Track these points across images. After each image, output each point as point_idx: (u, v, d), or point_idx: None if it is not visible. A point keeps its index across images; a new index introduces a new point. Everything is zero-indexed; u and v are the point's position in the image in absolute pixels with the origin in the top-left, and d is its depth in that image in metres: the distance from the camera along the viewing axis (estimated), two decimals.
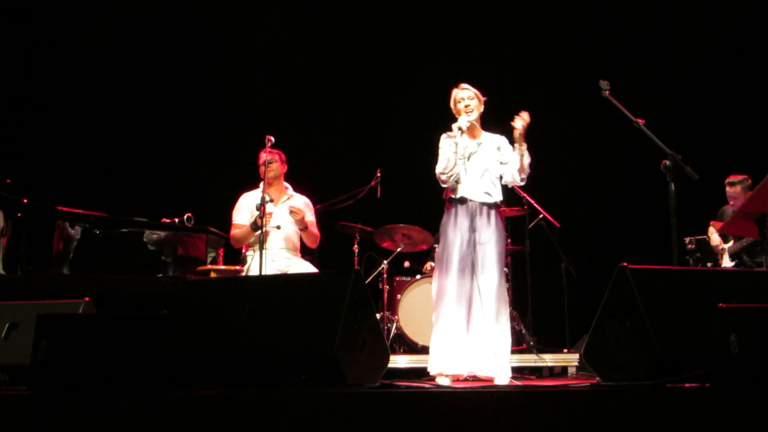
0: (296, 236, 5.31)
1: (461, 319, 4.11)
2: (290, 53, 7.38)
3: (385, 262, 6.16)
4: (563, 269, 6.37)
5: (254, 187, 5.30)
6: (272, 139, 4.97)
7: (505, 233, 4.37)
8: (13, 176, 4.80)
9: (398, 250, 6.25)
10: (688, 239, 6.34)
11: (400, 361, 5.20)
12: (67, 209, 4.81)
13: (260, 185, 5.02)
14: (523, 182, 4.39)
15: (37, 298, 3.73)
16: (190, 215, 5.20)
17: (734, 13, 7.00)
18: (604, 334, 3.15)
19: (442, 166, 4.25)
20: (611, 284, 3.10)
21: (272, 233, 5.12)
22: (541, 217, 6.21)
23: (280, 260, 5.14)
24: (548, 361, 5.43)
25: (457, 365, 4.08)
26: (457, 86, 4.41)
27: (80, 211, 4.86)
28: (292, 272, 5.06)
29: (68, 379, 2.77)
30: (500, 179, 4.38)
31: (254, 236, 5.08)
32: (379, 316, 5.69)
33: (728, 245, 6.14)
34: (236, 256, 5.44)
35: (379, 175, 6.01)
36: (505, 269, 4.49)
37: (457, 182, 4.27)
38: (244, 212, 5.28)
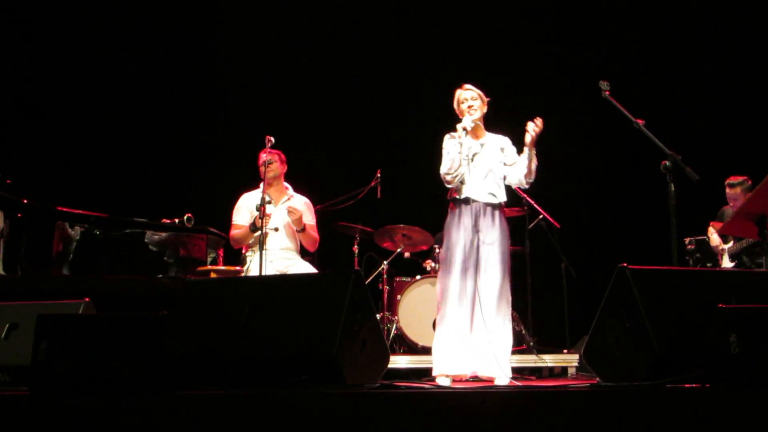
0: (296, 237, 5.31)
1: (464, 319, 4.10)
2: (290, 53, 7.38)
3: (385, 262, 6.16)
4: (563, 270, 6.37)
5: (254, 187, 5.29)
6: (272, 139, 4.97)
7: (509, 234, 4.34)
8: (13, 176, 4.80)
9: (398, 250, 6.25)
10: (687, 240, 6.35)
11: (400, 361, 5.20)
12: (67, 210, 4.80)
13: (260, 186, 5.02)
14: (528, 186, 4.38)
15: (37, 298, 3.73)
16: (190, 216, 5.20)
17: (734, 13, 7.00)
18: (604, 334, 3.15)
19: (446, 166, 4.22)
20: (611, 285, 3.10)
21: (272, 234, 5.11)
22: (541, 217, 6.20)
23: (279, 261, 5.14)
24: (548, 361, 5.43)
25: (460, 366, 4.08)
26: (460, 86, 4.39)
27: (80, 211, 4.86)
28: (291, 273, 5.06)
29: (68, 379, 2.76)
30: (504, 180, 4.36)
31: (254, 237, 5.08)
32: (379, 316, 5.69)
33: (728, 246, 6.14)
34: (236, 256, 5.44)
35: (379, 175, 6.01)
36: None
37: (462, 183, 4.25)
38: (243, 213, 5.27)
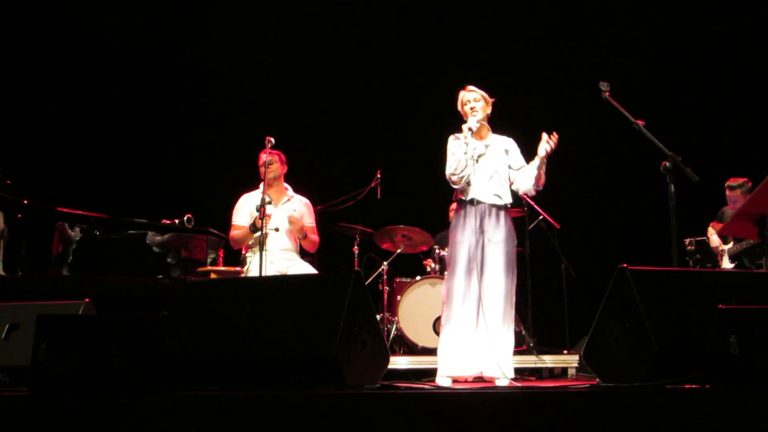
0: (296, 237, 5.30)
1: (469, 320, 4.09)
2: (290, 54, 7.38)
3: (385, 263, 6.16)
4: (563, 270, 6.37)
5: (254, 188, 5.29)
6: (272, 140, 4.96)
7: (515, 234, 4.33)
8: (13, 177, 4.80)
9: (398, 251, 6.25)
10: (687, 240, 6.35)
11: (400, 362, 5.20)
12: (67, 210, 4.81)
13: (260, 186, 5.02)
14: (535, 193, 4.37)
15: (37, 299, 3.73)
16: (190, 216, 5.20)
17: (734, 14, 7.00)
18: (604, 335, 3.15)
19: (452, 167, 4.20)
20: (611, 285, 3.10)
21: (272, 235, 5.11)
22: (541, 218, 6.20)
23: (279, 262, 5.14)
24: (548, 362, 5.43)
25: (465, 367, 4.07)
26: (464, 88, 4.37)
27: (80, 212, 4.86)
28: (291, 273, 5.06)
29: (68, 380, 2.76)
30: (511, 185, 4.34)
31: (254, 238, 5.07)
32: (379, 317, 5.69)
33: (728, 246, 6.14)
34: (236, 257, 5.44)
35: (379, 176, 6.01)
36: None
37: (468, 184, 4.23)
38: (243, 213, 5.27)
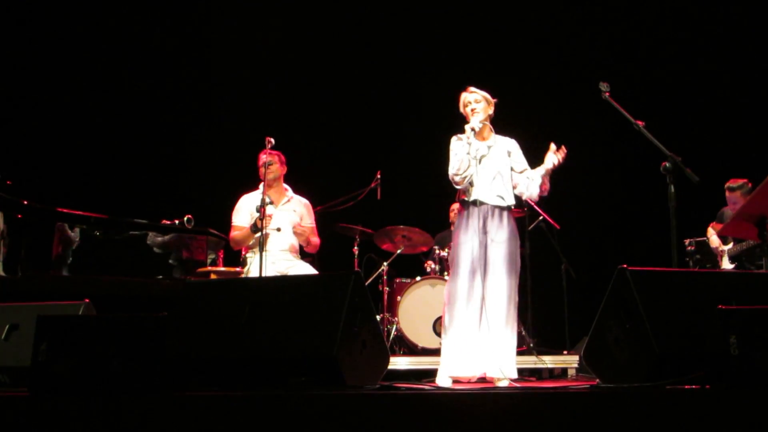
0: (296, 238, 5.31)
1: (473, 321, 4.09)
2: (290, 54, 7.39)
3: (385, 263, 6.16)
4: (563, 271, 6.37)
5: (254, 188, 5.29)
6: (272, 140, 4.96)
7: (518, 235, 4.32)
8: (13, 177, 4.80)
9: (398, 251, 6.25)
10: (687, 241, 6.35)
11: (400, 362, 5.21)
12: (67, 211, 4.81)
13: (260, 187, 5.02)
14: (539, 199, 4.37)
15: (37, 299, 3.73)
16: (190, 217, 5.21)
17: (734, 14, 7.00)
18: (604, 335, 3.15)
19: (455, 167, 4.20)
20: (611, 286, 3.10)
21: (272, 235, 5.11)
22: (541, 218, 6.20)
23: (280, 262, 5.14)
24: (548, 362, 5.43)
25: (468, 368, 4.07)
26: (465, 89, 4.36)
27: (80, 212, 4.87)
28: (292, 274, 5.06)
29: (68, 380, 2.76)
30: (514, 189, 4.33)
31: (254, 238, 5.07)
32: (379, 317, 5.69)
33: (728, 247, 6.14)
34: (236, 258, 5.44)
35: (379, 176, 6.00)
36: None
37: (470, 184, 4.23)
38: (243, 214, 5.27)
